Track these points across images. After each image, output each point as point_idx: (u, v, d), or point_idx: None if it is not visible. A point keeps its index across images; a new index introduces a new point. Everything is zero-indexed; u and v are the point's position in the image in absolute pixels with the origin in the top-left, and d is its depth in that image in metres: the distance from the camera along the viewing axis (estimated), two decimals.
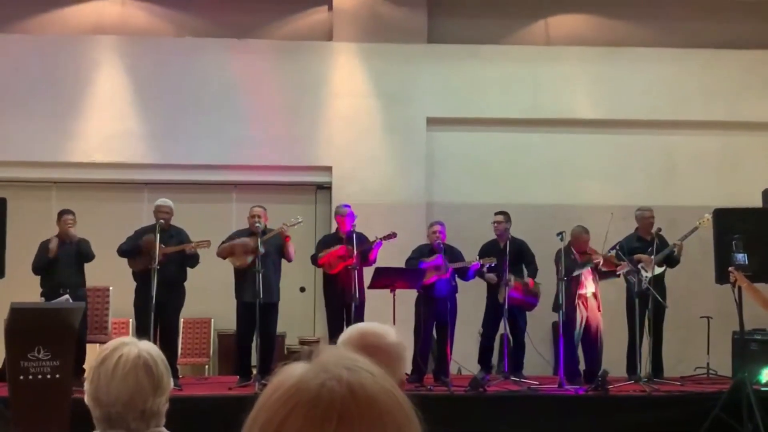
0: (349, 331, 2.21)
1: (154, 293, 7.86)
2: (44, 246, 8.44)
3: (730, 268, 7.46)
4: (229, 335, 9.50)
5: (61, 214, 8.57)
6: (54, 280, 8.29)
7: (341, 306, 8.45)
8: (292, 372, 1.01)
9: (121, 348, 2.17)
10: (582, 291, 8.69)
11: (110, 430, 2.13)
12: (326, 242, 8.83)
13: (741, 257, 7.49)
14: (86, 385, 2.17)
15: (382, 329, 2.19)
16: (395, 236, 8.45)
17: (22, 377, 6.25)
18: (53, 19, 10.62)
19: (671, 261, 8.80)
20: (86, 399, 2.17)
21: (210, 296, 9.48)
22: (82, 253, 8.43)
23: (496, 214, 9.11)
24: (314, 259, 8.79)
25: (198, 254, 8.32)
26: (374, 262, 8.52)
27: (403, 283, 8.34)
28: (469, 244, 9.02)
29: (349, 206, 8.80)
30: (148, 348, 2.20)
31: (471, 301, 9.01)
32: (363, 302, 8.42)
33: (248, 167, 10.36)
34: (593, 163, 10.63)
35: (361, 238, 8.59)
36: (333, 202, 10.17)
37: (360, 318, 8.09)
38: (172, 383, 2.26)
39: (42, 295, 8.24)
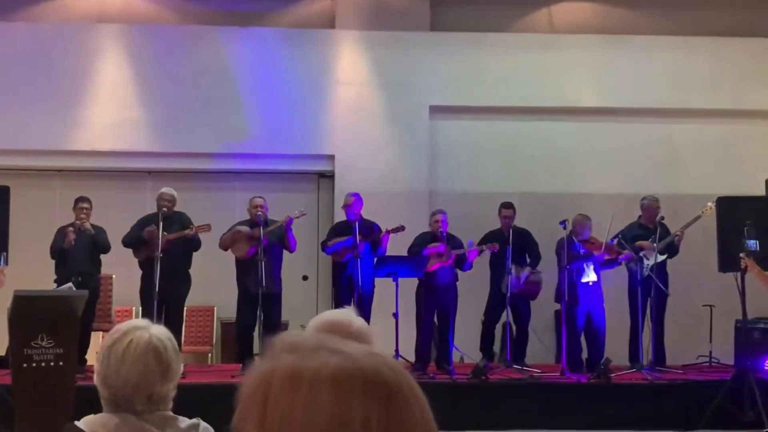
0: (314, 324, 2.20)
1: (157, 281, 7.88)
2: (62, 231, 8.47)
3: (741, 254, 7.46)
4: (232, 323, 9.51)
5: (77, 201, 8.58)
6: (68, 267, 8.30)
7: (350, 293, 8.47)
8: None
9: (133, 332, 2.19)
10: (584, 280, 8.69)
11: (117, 412, 2.16)
12: (337, 230, 8.83)
13: (752, 243, 7.52)
14: (96, 366, 2.20)
15: (347, 317, 2.19)
16: (403, 229, 8.43)
17: (25, 365, 6.27)
18: (56, 7, 10.60)
19: (671, 250, 8.80)
20: (95, 379, 2.20)
21: (213, 285, 9.49)
22: (97, 244, 8.45)
23: (505, 207, 9.07)
24: (323, 246, 8.80)
25: (199, 238, 8.33)
26: (383, 253, 8.52)
27: (406, 272, 8.35)
28: (471, 233, 9.01)
29: (357, 194, 8.78)
30: (159, 333, 2.22)
31: (473, 289, 9.01)
32: (372, 291, 8.44)
33: (251, 155, 10.36)
34: (596, 151, 10.60)
35: (371, 226, 8.59)
36: (335, 191, 10.17)
37: (368, 306, 8.13)
38: (182, 369, 2.28)
39: (55, 281, 8.26)
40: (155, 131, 10.26)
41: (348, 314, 2.20)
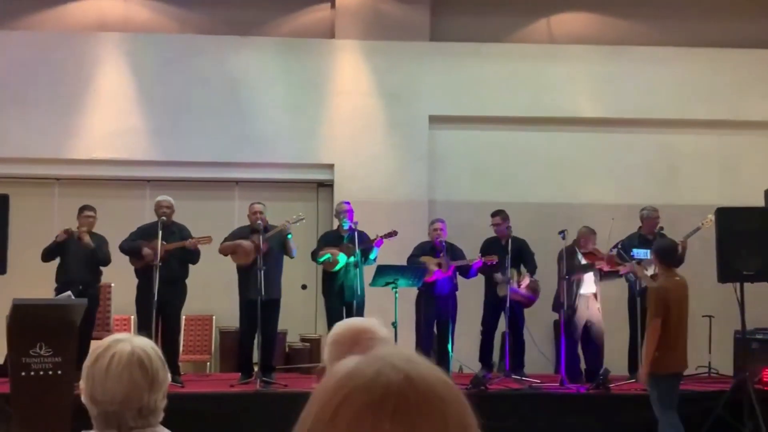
0: (340, 329, 2.18)
1: (156, 290, 7.87)
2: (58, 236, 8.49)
3: (631, 263, 7.95)
4: (230, 332, 9.51)
5: (81, 210, 8.58)
6: (68, 276, 8.30)
7: (341, 304, 8.46)
8: (346, 363, 1.00)
9: (114, 346, 2.14)
10: (583, 291, 8.69)
11: (108, 429, 2.11)
12: (327, 240, 8.83)
13: (641, 252, 8.03)
14: (81, 384, 2.16)
15: (373, 325, 2.17)
16: (396, 234, 8.45)
17: (23, 373, 6.26)
18: (56, 15, 10.62)
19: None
20: (83, 398, 2.15)
21: (212, 293, 9.49)
22: (97, 257, 8.45)
23: (493, 215, 9.10)
24: (314, 256, 8.80)
25: (198, 250, 8.33)
26: (374, 260, 8.51)
27: (406, 281, 8.34)
28: (470, 242, 9.03)
29: (348, 203, 8.79)
30: (143, 344, 2.17)
31: (472, 299, 9.01)
32: (363, 300, 8.43)
33: (250, 164, 10.37)
34: (595, 161, 10.62)
35: (362, 236, 8.59)
36: (335, 200, 10.17)
37: (361, 315, 8.09)
38: (169, 378, 2.22)
39: (56, 289, 8.25)
40: (154, 140, 10.26)
41: (373, 323, 2.18)
